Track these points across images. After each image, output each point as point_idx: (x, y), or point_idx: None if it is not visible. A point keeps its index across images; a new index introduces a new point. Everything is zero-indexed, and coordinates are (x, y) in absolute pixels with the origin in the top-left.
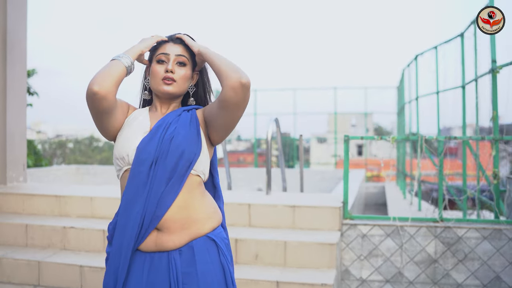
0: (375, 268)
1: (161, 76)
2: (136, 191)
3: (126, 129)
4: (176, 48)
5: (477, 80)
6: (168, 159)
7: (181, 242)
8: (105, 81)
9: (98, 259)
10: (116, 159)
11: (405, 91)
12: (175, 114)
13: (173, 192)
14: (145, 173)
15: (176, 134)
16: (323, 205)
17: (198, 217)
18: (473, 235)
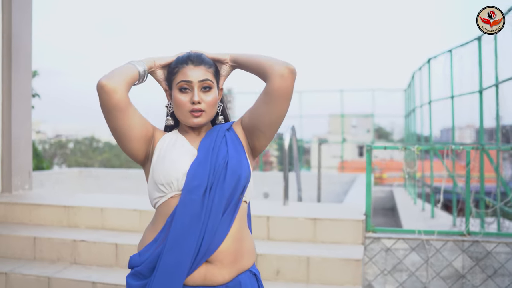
0: (399, 283)
1: (187, 108)
2: (190, 222)
3: (169, 154)
4: (197, 72)
5: (498, 85)
6: (225, 186)
7: (230, 277)
8: (114, 76)
9: (112, 274)
10: (159, 185)
11: (416, 95)
12: (218, 134)
13: (228, 222)
14: (198, 202)
15: (230, 157)
16: (345, 218)
17: (247, 250)
18: (503, 249)
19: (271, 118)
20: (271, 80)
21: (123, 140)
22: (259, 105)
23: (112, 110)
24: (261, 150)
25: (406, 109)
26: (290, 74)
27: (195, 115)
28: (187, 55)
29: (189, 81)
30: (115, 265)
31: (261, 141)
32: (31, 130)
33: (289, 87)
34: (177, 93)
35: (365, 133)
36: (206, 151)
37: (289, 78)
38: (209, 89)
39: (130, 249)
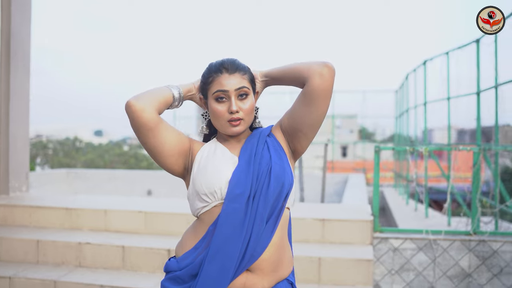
0: (406, 283)
1: (226, 118)
2: (233, 231)
3: (209, 163)
4: (233, 80)
5: (497, 87)
6: (269, 193)
7: (269, 285)
8: (143, 96)
9: (119, 277)
10: (202, 195)
11: (410, 96)
12: (259, 140)
13: (271, 230)
14: (241, 210)
15: (274, 164)
16: (354, 219)
17: (287, 258)
18: (509, 248)
19: (312, 119)
20: (311, 80)
21: (157, 156)
22: (298, 107)
23: (141, 128)
24: (302, 151)
25: (397, 110)
26: (330, 72)
27: (234, 124)
28: (220, 62)
29: (225, 91)
30: (122, 268)
31: (302, 143)
32: (28, 130)
33: (330, 85)
34: (214, 103)
35: (348, 133)
36: (248, 158)
37: (328, 76)
38: (246, 96)
39: (137, 251)
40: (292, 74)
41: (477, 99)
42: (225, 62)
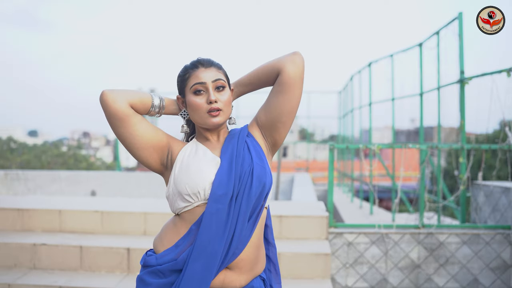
0: (360, 275)
1: (205, 109)
2: (216, 231)
3: (191, 163)
4: (209, 73)
5: (440, 89)
6: (252, 194)
7: (246, 282)
8: (119, 90)
9: (78, 278)
10: (185, 195)
11: (354, 97)
12: (239, 141)
13: (250, 229)
14: (224, 211)
15: (255, 165)
16: (310, 215)
17: (261, 256)
18: (454, 240)
19: (290, 106)
20: (285, 69)
21: (129, 148)
22: (275, 97)
23: (111, 118)
24: (281, 142)
25: (340, 110)
26: (300, 58)
27: (214, 115)
28: (195, 60)
29: (203, 83)
30: (79, 268)
31: (281, 133)
32: None
33: (302, 71)
34: (192, 96)
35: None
36: (230, 158)
37: (300, 62)
38: (222, 88)
39: (96, 251)
40: (265, 72)
41: (420, 100)
42: (200, 59)
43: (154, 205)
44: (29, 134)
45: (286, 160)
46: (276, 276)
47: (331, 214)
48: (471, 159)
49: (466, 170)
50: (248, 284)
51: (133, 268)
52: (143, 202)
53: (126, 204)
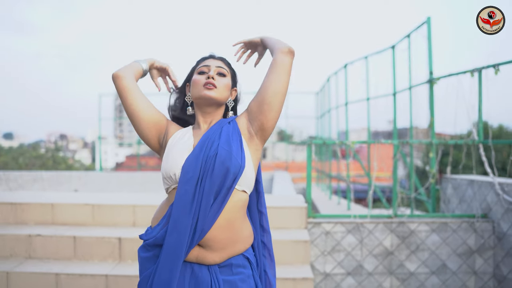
0: (337, 262)
1: (202, 82)
2: (183, 209)
3: (172, 149)
4: (216, 61)
5: (411, 88)
6: (214, 177)
7: (220, 260)
8: (123, 68)
9: (71, 266)
10: (164, 178)
11: (331, 97)
12: (217, 128)
13: (217, 209)
14: (191, 192)
15: (220, 150)
16: (290, 206)
17: (238, 239)
18: (424, 228)
19: (275, 87)
20: (275, 54)
21: (134, 121)
22: (264, 79)
23: (122, 91)
24: (269, 126)
25: (318, 111)
26: (289, 52)
27: (208, 88)
28: (209, 53)
29: (207, 65)
30: (73, 257)
31: (267, 115)
32: None
33: (289, 62)
34: (196, 76)
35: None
36: (201, 145)
37: (288, 55)
38: (223, 76)
39: (89, 241)
40: (270, 45)
41: (394, 99)
42: (213, 53)
43: (142, 199)
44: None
45: (265, 162)
46: (271, 262)
47: (309, 205)
48: (439, 154)
49: (435, 165)
50: (226, 261)
51: (125, 256)
52: (131, 196)
53: (115, 198)
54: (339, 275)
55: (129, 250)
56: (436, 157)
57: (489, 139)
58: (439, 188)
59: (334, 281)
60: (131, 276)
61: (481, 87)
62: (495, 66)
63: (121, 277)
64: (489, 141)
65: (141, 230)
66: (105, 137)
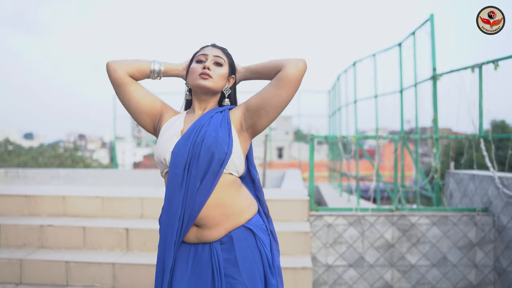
0: (339, 254)
1: (198, 72)
2: (174, 191)
3: (163, 135)
4: (214, 50)
5: (416, 85)
6: (200, 161)
7: (219, 235)
8: (119, 61)
9: (81, 254)
10: (157, 163)
11: (341, 95)
12: (207, 116)
13: (206, 191)
14: (180, 175)
15: (207, 136)
16: (293, 198)
17: (233, 212)
18: (424, 221)
19: (278, 101)
20: (286, 68)
21: (129, 111)
22: (269, 88)
23: (113, 84)
24: (261, 129)
25: (330, 109)
26: (303, 65)
27: (203, 77)
28: (212, 43)
29: (205, 54)
30: (83, 247)
31: (261, 119)
32: None
33: (300, 76)
34: (194, 64)
35: (284, 135)
36: (191, 131)
37: (302, 67)
38: (220, 65)
39: (98, 231)
40: (270, 67)
41: (400, 96)
42: (215, 43)
43: (150, 192)
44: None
45: (281, 161)
46: (275, 244)
47: (312, 198)
48: (440, 149)
49: (438, 159)
50: (226, 236)
51: (132, 246)
52: (139, 189)
53: (124, 191)
54: (341, 267)
55: (136, 240)
56: (447, 154)
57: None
58: (442, 183)
59: (336, 273)
60: (136, 265)
61: (482, 83)
62: (494, 62)
63: (127, 265)
64: (489, 136)
65: (149, 221)
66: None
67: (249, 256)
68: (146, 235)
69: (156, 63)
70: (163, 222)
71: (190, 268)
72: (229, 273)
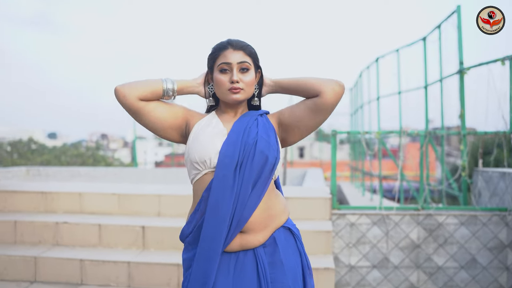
0: (362, 254)
1: (227, 86)
2: (223, 194)
3: (202, 134)
4: (236, 55)
5: (442, 80)
6: (254, 163)
7: (265, 238)
8: (129, 85)
9: (96, 253)
10: (194, 163)
11: (363, 92)
12: (250, 118)
13: (257, 197)
14: (230, 177)
15: (259, 138)
16: (314, 196)
17: (276, 213)
18: (452, 221)
19: (312, 124)
20: (324, 94)
21: (152, 132)
22: (304, 109)
23: (127, 110)
24: (292, 143)
25: (352, 107)
26: (341, 91)
27: (234, 92)
28: (227, 40)
29: (228, 63)
30: (98, 245)
31: (295, 137)
32: None
33: (338, 101)
34: (218, 74)
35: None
36: (238, 132)
37: (340, 94)
38: (247, 70)
39: (113, 229)
40: (304, 87)
41: (425, 92)
42: (231, 40)
43: (167, 189)
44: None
45: (302, 161)
46: None
47: (334, 196)
48: (468, 146)
49: (465, 157)
50: (269, 238)
51: (148, 244)
52: (157, 187)
53: (141, 188)
54: (364, 268)
55: (153, 238)
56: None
57: None
58: (470, 182)
59: (359, 274)
60: (152, 264)
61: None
62: None
63: (143, 264)
64: None
65: (166, 219)
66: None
67: (291, 256)
68: (162, 233)
69: (169, 81)
70: (206, 230)
71: (232, 279)
72: (275, 278)
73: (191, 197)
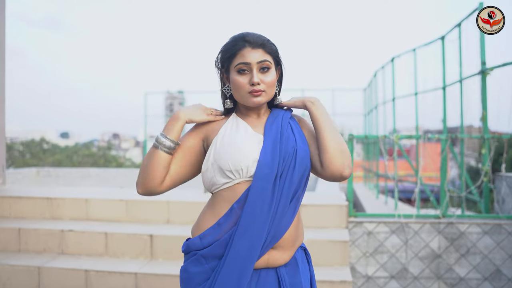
0: (380, 264)
1: (247, 89)
2: (261, 208)
3: (232, 139)
4: (256, 53)
5: (462, 81)
6: (295, 175)
7: (289, 257)
8: (146, 182)
9: (102, 262)
10: (226, 171)
11: (378, 93)
12: (283, 121)
13: (293, 210)
14: (269, 190)
15: (299, 147)
16: (329, 204)
17: (299, 233)
18: (475, 230)
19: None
20: (324, 170)
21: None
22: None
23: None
24: None
25: (365, 108)
26: (340, 178)
27: (255, 95)
28: (244, 36)
29: (247, 63)
30: (105, 254)
31: None
32: (5, 122)
33: (337, 181)
34: (236, 75)
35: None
36: (274, 137)
37: (338, 180)
38: (267, 70)
39: (120, 237)
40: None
41: (443, 93)
42: (249, 35)
43: (177, 195)
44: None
45: None
46: None
47: (350, 203)
48: (492, 150)
49: (488, 161)
50: (292, 258)
51: (156, 254)
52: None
53: None
54: (382, 279)
55: (161, 247)
56: (488, 154)
57: None
58: (493, 187)
59: (377, 285)
60: (160, 275)
61: None
62: None
63: (150, 275)
64: None
65: (175, 227)
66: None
67: (307, 276)
68: (171, 242)
69: (160, 139)
70: (238, 248)
71: None
72: None
73: (202, 204)
